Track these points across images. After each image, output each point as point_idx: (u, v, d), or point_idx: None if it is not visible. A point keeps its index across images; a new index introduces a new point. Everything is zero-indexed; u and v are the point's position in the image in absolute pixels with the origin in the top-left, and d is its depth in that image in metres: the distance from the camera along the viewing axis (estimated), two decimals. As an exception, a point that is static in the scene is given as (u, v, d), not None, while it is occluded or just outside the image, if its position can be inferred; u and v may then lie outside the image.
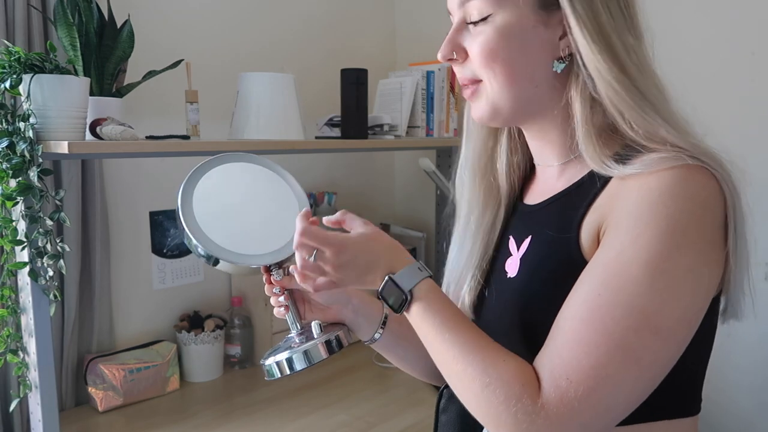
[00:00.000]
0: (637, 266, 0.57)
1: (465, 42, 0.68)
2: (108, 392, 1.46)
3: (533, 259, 0.72)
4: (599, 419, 0.57)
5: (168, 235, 1.71)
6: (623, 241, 0.58)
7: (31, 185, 1.06)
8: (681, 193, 0.59)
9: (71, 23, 1.21)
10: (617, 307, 0.57)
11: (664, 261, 0.57)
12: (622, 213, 0.60)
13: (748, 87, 1.50)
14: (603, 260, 0.60)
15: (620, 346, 0.56)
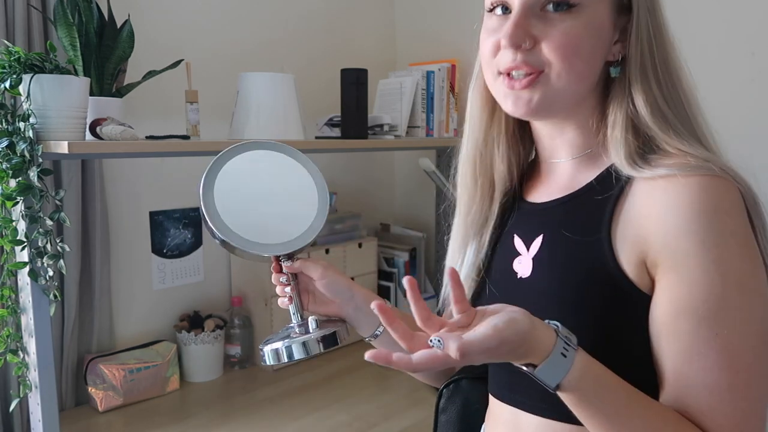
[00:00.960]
0: (734, 293, 0.58)
1: (534, 29, 0.64)
2: (108, 392, 1.46)
3: (552, 261, 0.71)
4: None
5: (168, 235, 1.71)
6: (706, 269, 0.59)
7: (31, 185, 1.06)
8: (725, 206, 0.60)
9: (71, 23, 1.21)
10: (743, 340, 0.58)
11: (750, 278, 0.59)
12: (679, 237, 0.60)
13: (748, 87, 1.50)
14: (696, 296, 0.59)
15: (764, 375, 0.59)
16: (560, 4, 0.63)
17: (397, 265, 2.03)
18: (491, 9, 0.69)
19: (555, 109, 0.68)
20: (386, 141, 1.77)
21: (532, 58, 0.65)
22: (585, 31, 0.64)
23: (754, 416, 0.58)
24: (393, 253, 2.05)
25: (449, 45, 2.11)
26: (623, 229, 0.64)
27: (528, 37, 0.64)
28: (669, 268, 0.61)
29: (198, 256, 1.77)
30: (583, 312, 0.65)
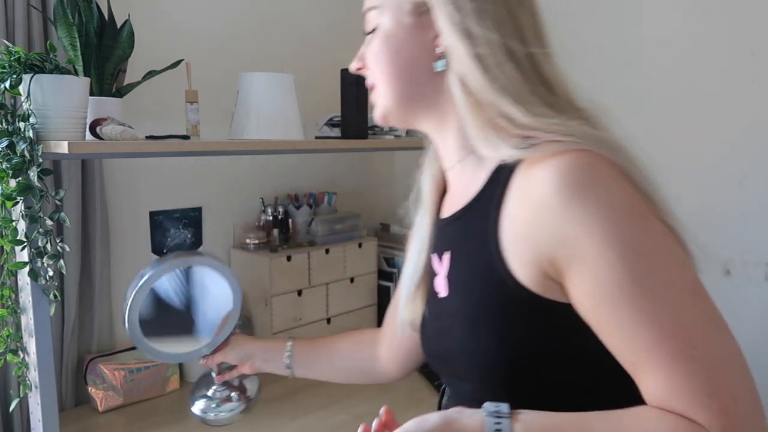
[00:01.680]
0: (638, 263, 0.56)
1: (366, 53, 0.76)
2: (108, 392, 1.46)
3: (459, 278, 0.71)
4: (750, 402, 0.56)
5: (168, 235, 1.71)
6: (600, 251, 0.57)
7: (31, 185, 1.06)
8: (593, 180, 0.58)
9: (71, 23, 1.21)
10: (670, 305, 0.56)
11: (649, 242, 0.58)
12: (561, 229, 0.58)
13: (748, 87, 1.50)
14: (604, 281, 0.57)
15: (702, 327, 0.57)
16: (370, 32, 0.74)
17: (397, 265, 2.03)
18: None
19: (397, 113, 0.74)
20: (386, 141, 1.77)
21: (369, 77, 0.77)
22: (381, 42, 0.72)
23: (722, 365, 0.56)
24: (393, 253, 2.05)
25: (449, 45, 2.11)
26: (509, 234, 0.63)
27: (361, 60, 0.77)
28: (567, 263, 0.59)
29: (198, 256, 1.77)
30: (493, 330, 0.65)
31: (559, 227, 0.58)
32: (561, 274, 0.60)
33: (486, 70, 0.65)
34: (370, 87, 0.76)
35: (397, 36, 0.71)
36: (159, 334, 1.00)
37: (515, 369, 0.64)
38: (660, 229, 0.60)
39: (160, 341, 1.00)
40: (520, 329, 0.64)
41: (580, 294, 0.59)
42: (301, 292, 1.76)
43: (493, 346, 0.65)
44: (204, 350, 1.02)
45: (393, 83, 0.72)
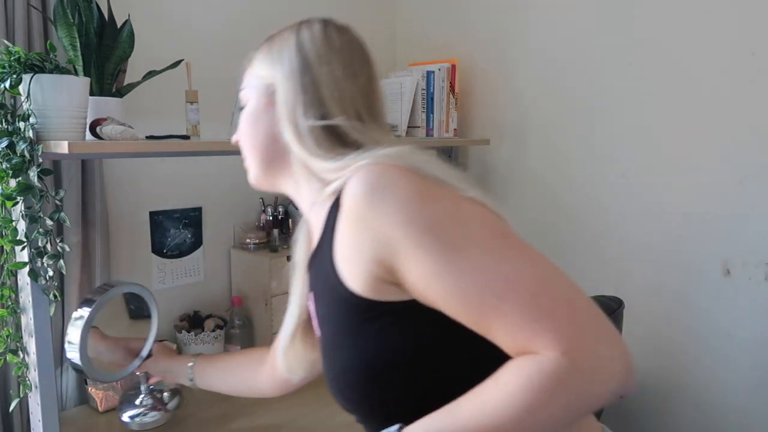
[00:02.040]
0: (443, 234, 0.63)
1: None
2: (108, 392, 1.46)
3: (323, 314, 0.79)
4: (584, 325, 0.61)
5: (168, 235, 1.71)
6: (411, 239, 0.63)
7: (31, 185, 1.06)
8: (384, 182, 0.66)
9: (71, 23, 1.21)
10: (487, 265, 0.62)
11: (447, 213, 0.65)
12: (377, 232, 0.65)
13: (748, 87, 1.50)
14: (426, 265, 0.63)
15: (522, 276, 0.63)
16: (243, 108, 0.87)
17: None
18: None
19: (264, 178, 0.87)
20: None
21: (240, 146, 0.90)
22: (244, 118, 0.88)
23: (548, 296, 0.61)
24: (393, 253, 2.05)
25: (449, 45, 2.11)
26: (339, 256, 0.71)
27: (236, 132, 0.91)
28: (393, 260, 0.65)
29: (198, 256, 1.77)
30: (357, 352, 0.72)
31: (374, 231, 0.65)
32: (393, 273, 0.66)
33: (303, 144, 0.78)
34: (243, 157, 0.89)
35: (256, 113, 0.85)
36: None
37: (392, 380, 0.70)
38: (458, 203, 0.67)
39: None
40: (381, 341, 0.70)
41: (413, 282, 0.65)
42: (301, 292, 1.76)
43: (361, 367, 0.71)
44: (136, 363, 1.23)
45: (254, 154, 0.86)
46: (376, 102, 0.86)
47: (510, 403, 0.60)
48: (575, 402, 0.60)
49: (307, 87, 0.80)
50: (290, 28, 0.86)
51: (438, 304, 0.65)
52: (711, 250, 1.59)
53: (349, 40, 0.88)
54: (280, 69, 0.83)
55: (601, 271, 1.79)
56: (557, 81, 1.86)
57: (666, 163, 1.65)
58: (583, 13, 1.78)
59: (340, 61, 0.82)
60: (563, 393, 0.59)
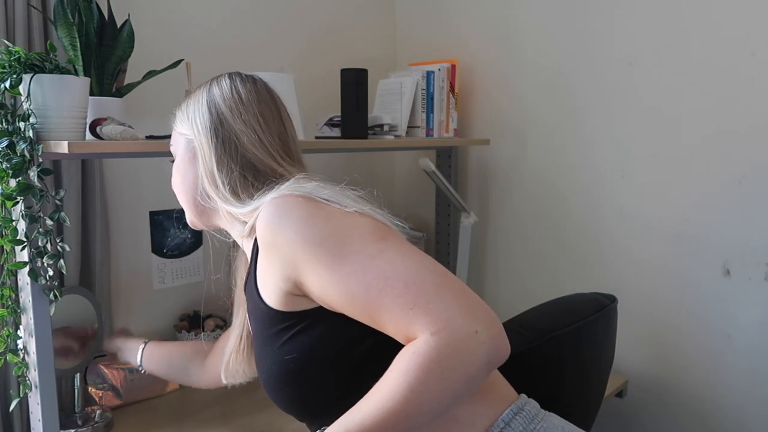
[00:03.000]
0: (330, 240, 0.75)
1: None
2: (108, 392, 1.46)
3: (254, 329, 0.89)
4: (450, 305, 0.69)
5: (168, 235, 1.71)
6: (305, 252, 0.75)
7: (31, 185, 1.06)
8: (282, 210, 0.78)
9: (71, 23, 1.21)
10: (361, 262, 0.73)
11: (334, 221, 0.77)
12: (280, 252, 0.77)
13: (748, 87, 1.50)
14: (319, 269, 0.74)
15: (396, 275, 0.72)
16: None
17: (397, 265, 2.03)
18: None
19: (197, 220, 0.99)
20: (386, 141, 1.77)
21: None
22: (175, 171, 0.99)
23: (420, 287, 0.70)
24: (393, 253, 2.05)
25: (449, 45, 2.11)
26: (259, 278, 0.84)
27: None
28: (296, 274, 0.76)
29: (198, 256, 1.77)
30: (279, 359, 0.82)
31: (280, 253, 0.77)
32: (299, 286, 0.77)
33: (221, 195, 0.90)
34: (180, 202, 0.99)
35: (183, 167, 0.96)
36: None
37: (308, 381, 0.81)
38: (342, 218, 0.77)
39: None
40: (294, 346, 0.80)
41: (315, 291, 0.76)
42: (301, 292, 1.76)
43: (281, 371, 0.82)
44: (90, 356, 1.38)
45: (186, 201, 0.97)
46: (289, 142, 0.97)
47: (394, 388, 0.67)
48: (451, 375, 0.66)
49: (224, 141, 0.90)
50: (202, 86, 0.97)
51: (337, 307, 0.75)
52: (711, 250, 1.59)
53: (257, 90, 0.96)
54: (195, 127, 0.93)
55: (601, 271, 1.79)
56: (557, 81, 1.86)
57: (666, 163, 1.65)
58: (583, 13, 1.78)
59: (251, 113, 0.92)
60: (436, 368, 0.66)
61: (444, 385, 0.67)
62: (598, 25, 1.76)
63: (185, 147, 0.96)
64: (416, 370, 0.66)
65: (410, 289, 0.69)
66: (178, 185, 0.98)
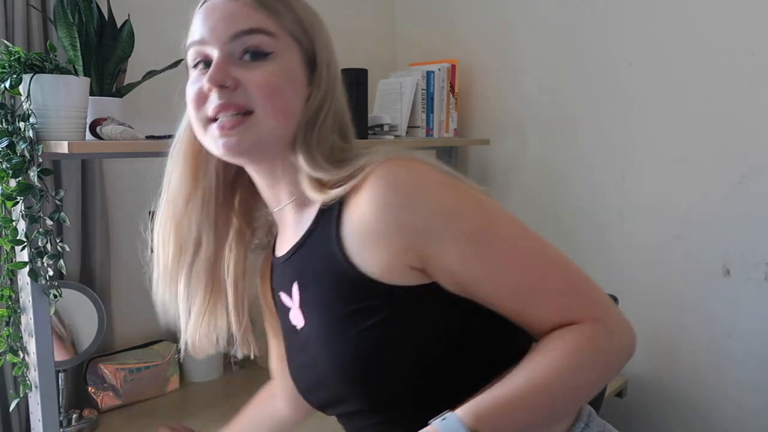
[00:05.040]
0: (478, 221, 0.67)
1: (235, 73, 0.70)
2: (108, 392, 1.46)
3: (313, 302, 0.75)
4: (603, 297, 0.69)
5: (168, 235, 1.71)
6: (452, 222, 0.66)
7: (31, 185, 1.06)
8: (414, 172, 0.67)
9: (71, 23, 1.21)
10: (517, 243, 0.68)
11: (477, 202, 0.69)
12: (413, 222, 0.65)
13: (748, 87, 1.50)
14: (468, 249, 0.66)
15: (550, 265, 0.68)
16: (256, 54, 0.70)
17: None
18: (195, 65, 0.74)
19: (263, 149, 0.73)
20: (386, 141, 1.77)
21: (237, 97, 0.69)
22: (282, 76, 0.71)
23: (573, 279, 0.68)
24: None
25: (449, 45, 2.11)
26: (356, 245, 0.69)
27: (230, 78, 0.69)
28: (429, 247, 0.66)
29: (198, 256, 1.77)
30: (364, 335, 0.69)
31: (407, 219, 0.65)
32: (426, 260, 0.67)
33: (327, 130, 0.74)
34: (239, 108, 0.70)
35: (294, 75, 0.73)
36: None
37: (403, 367, 0.69)
38: (475, 192, 0.69)
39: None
40: (391, 326, 0.68)
41: (448, 266, 0.66)
42: (301, 292, 1.76)
43: (374, 345, 0.68)
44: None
45: (284, 121, 0.72)
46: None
47: (558, 365, 0.64)
48: (608, 366, 0.66)
49: (335, 80, 0.77)
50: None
51: (474, 287, 0.67)
52: (711, 250, 1.59)
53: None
54: (323, 45, 0.76)
55: (601, 271, 1.79)
56: (557, 81, 1.86)
57: (666, 163, 1.65)
58: (583, 13, 1.78)
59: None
60: (602, 356, 0.66)
61: (599, 374, 0.66)
62: (598, 25, 1.76)
63: (300, 56, 0.73)
64: (579, 353, 0.64)
65: (563, 274, 0.67)
66: (277, 92, 0.71)
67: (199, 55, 0.73)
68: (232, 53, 0.70)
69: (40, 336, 1.12)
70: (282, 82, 0.71)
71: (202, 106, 0.72)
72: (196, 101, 0.72)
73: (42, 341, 1.12)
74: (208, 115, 0.71)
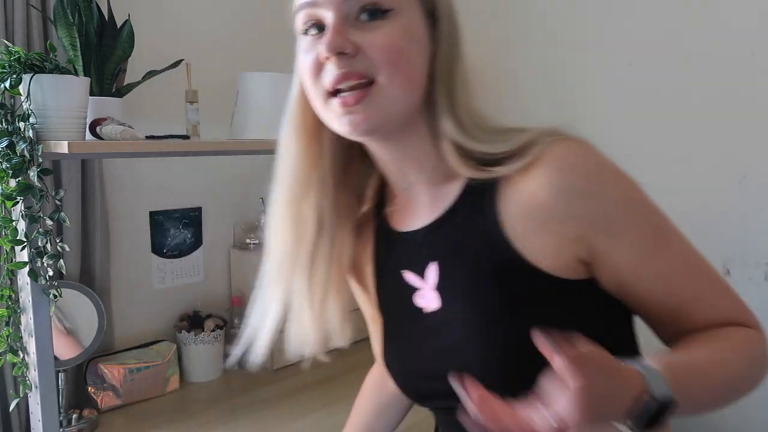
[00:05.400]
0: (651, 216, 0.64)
1: (354, 36, 0.62)
2: (108, 392, 1.46)
3: (460, 285, 0.68)
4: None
5: (168, 235, 1.71)
6: (628, 214, 0.63)
7: (31, 185, 1.06)
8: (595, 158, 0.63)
9: (71, 23, 1.21)
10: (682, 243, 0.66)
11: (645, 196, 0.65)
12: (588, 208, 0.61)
13: (749, 87, 1.50)
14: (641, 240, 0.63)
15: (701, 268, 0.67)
16: (374, 12, 0.62)
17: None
18: (305, 31, 0.67)
19: (393, 121, 0.65)
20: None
21: (358, 64, 0.62)
22: (405, 35, 0.63)
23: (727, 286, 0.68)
24: (393, 253, 2.05)
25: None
26: (521, 231, 0.63)
27: (349, 43, 0.62)
28: (599, 238, 0.62)
29: (198, 256, 1.77)
30: (517, 322, 0.64)
31: (589, 206, 0.61)
32: (594, 253, 0.63)
33: (467, 89, 0.66)
34: (361, 77, 0.62)
35: (416, 32, 0.64)
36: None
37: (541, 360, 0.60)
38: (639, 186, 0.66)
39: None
40: (546, 316, 0.62)
41: (620, 261, 0.63)
42: (301, 292, 1.76)
43: (518, 338, 0.62)
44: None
45: (410, 87, 0.64)
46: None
47: (739, 359, 0.63)
48: (762, 369, 0.65)
49: (460, 37, 0.68)
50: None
51: (635, 286, 0.64)
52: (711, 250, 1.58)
53: None
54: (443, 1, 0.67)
55: (601, 271, 1.79)
56: (557, 81, 1.85)
57: (666, 162, 1.65)
58: (583, 13, 1.78)
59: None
60: (765, 360, 0.65)
61: (757, 374, 0.65)
62: (598, 25, 1.76)
63: (420, 9, 0.65)
64: (750, 348, 0.65)
65: (720, 282, 0.67)
66: (407, 58, 0.63)
67: (310, 19, 0.65)
68: (348, 14, 0.63)
69: (40, 336, 1.12)
70: (405, 43, 0.63)
71: (319, 77, 0.64)
72: (313, 72, 0.65)
73: (42, 341, 1.12)
74: (326, 88, 0.64)
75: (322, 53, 0.62)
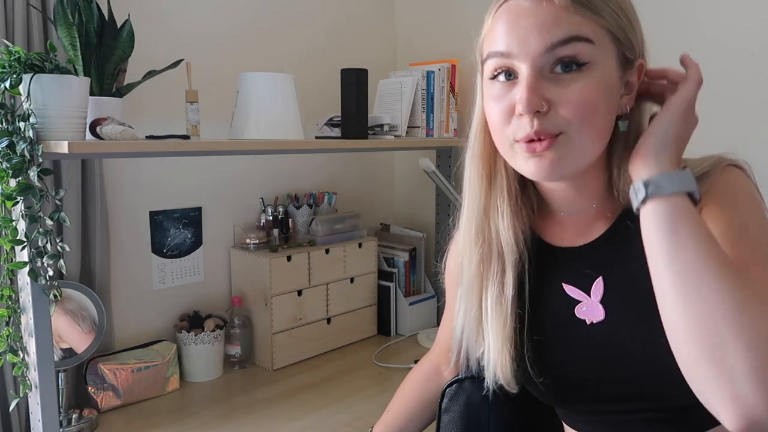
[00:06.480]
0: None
1: (548, 92, 0.63)
2: (108, 392, 1.46)
3: (627, 300, 0.70)
4: None
5: (168, 235, 1.71)
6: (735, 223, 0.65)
7: (31, 185, 1.06)
8: (749, 186, 0.72)
9: (71, 23, 1.21)
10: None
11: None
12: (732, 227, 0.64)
13: (749, 87, 1.50)
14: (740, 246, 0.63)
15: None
16: (570, 65, 0.62)
17: (397, 265, 2.03)
18: (494, 76, 0.67)
19: (579, 169, 0.67)
20: (386, 141, 1.77)
21: (548, 123, 0.63)
22: (599, 89, 0.63)
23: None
24: (393, 253, 2.05)
25: (449, 45, 2.11)
26: None
27: (543, 101, 0.62)
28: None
29: (198, 256, 1.77)
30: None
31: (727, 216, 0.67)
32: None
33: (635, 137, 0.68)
34: (551, 135, 0.63)
35: (611, 84, 0.65)
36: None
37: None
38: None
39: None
40: None
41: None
42: (301, 292, 1.76)
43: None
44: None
45: (600, 138, 0.65)
46: None
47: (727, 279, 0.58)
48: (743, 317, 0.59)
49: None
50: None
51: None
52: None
53: None
54: (639, 34, 0.73)
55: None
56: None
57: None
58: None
59: None
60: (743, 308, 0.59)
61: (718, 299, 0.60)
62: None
63: (616, 59, 0.66)
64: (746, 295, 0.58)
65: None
66: (601, 113, 0.64)
67: (501, 68, 0.66)
68: (543, 67, 0.63)
69: (40, 336, 1.12)
70: (599, 97, 0.63)
71: (509, 125, 0.66)
72: (503, 120, 0.66)
73: (42, 341, 1.12)
74: (515, 139, 0.65)
75: (519, 108, 0.63)
